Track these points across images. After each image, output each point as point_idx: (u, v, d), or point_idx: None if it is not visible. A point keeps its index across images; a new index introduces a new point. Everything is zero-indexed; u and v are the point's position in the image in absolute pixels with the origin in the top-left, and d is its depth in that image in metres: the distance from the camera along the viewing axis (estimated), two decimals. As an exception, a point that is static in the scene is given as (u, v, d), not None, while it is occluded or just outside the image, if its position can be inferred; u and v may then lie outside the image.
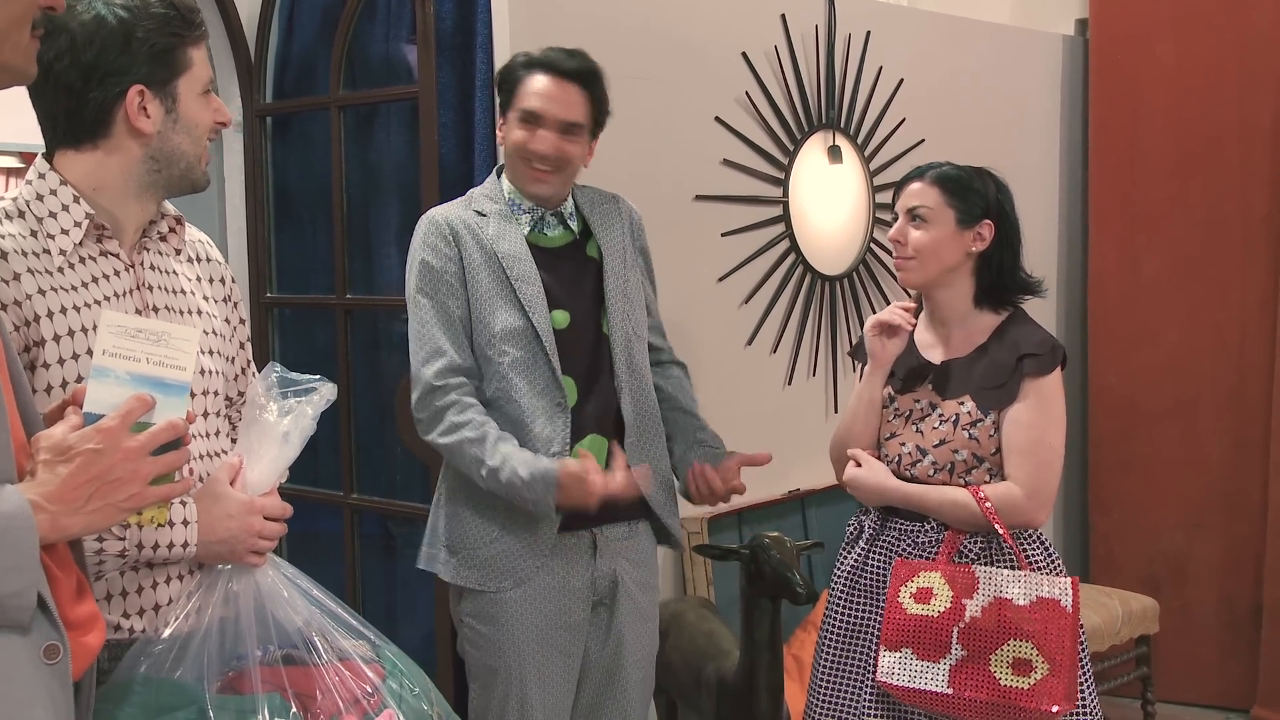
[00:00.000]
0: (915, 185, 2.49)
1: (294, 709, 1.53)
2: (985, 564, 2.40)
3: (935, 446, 2.44)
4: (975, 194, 2.46)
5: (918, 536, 2.46)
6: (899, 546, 2.48)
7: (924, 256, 2.46)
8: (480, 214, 2.43)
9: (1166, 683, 4.46)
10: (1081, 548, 4.81)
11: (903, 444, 2.49)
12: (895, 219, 2.53)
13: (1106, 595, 4.18)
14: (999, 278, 2.48)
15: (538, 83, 2.41)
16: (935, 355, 2.52)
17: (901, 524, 2.49)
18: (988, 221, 2.46)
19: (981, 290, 2.49)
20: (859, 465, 2.52)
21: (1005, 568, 2.38)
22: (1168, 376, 4.55)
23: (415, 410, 2.41)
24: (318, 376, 1.69)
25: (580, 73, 2.44)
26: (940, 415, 2.45)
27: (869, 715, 2.48)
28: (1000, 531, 2.36)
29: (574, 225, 2.51)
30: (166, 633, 1.60)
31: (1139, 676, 4.24)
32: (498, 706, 2.45)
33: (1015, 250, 2.50)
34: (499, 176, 2.51)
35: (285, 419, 1.64)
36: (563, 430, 2.39)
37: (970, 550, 2.42)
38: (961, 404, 2.43)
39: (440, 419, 2.37)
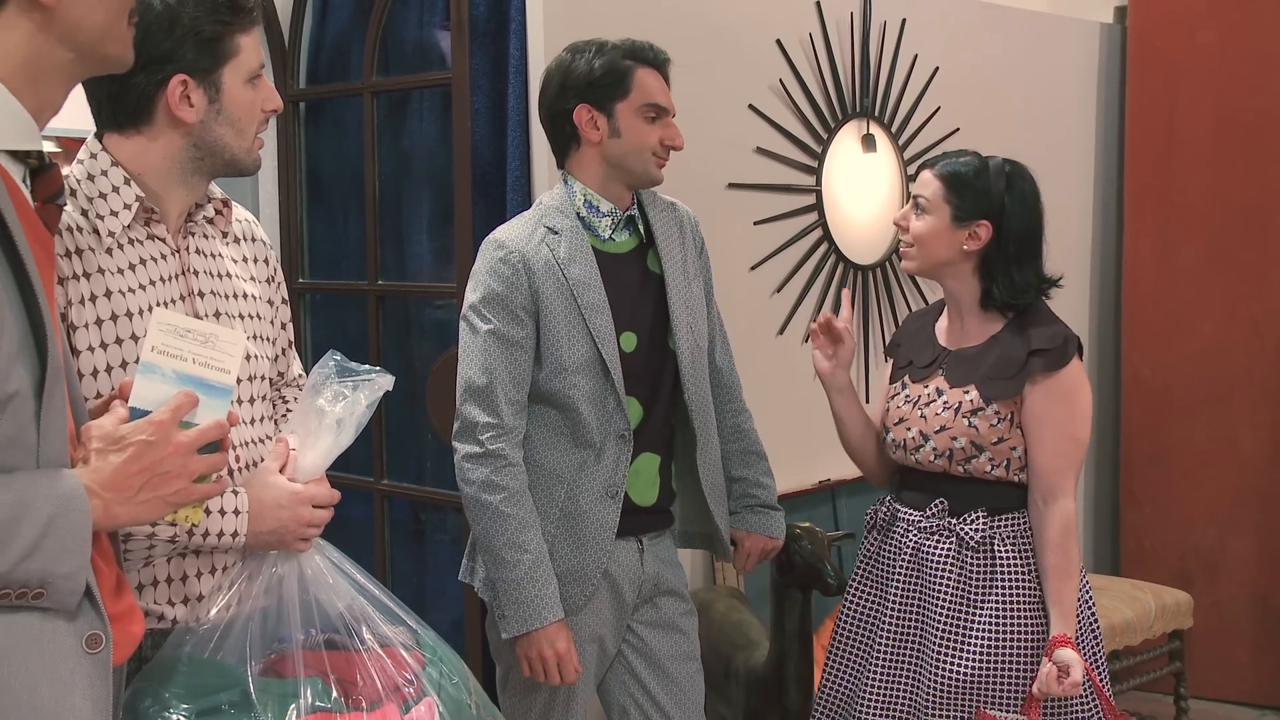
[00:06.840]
0: (925, 174, 2.49)
1: (335, 694, 1.54)
2: (992, 549, 2.41)
3: (936, 432, 2.45)
4: (976, 193, 2.42)
5: (922, 523, 2.48)
6: (909, 536, 2.50)
7: (919, 246, 2.48)
8: (552, 230, 2.38)
9: (1200, 679, 4.41)
10: (1111, 541, 4.78)
11: (908, 429, 2.50)
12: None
13: (1139, 589, 4.13)
14: (993, 282, 2.44)
15: (653, 77, 2.40)
16: (950, 342, 2.53)
17: (910, 514, 2.51)
18: (984, 222, 2.42)
19: (984, 291, 2.47)
20: (1060, 678, 2.30)
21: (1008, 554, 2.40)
22: (1202, 369, 4.50)
23: (458, 436, 2.36)
24: (376, 367, 1.71)
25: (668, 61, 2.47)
26: (945, 402, 2.46)
27: (869, 702, 2.49)
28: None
29: (640, 229, 2.49)
30: (211, 614, 1.61)
31: (1172, 671, 4.19)
32: (541, 710, 2.43)
33: (1015, 256, 2.43)
34: (566, 184, 2.44)
35: (338, 406, 1.66)
36: (625, 456, 2.40)
37: (971, 537, 2.42)
38: (966, 392, 2.44)
39: (484, 463, 2.33)
